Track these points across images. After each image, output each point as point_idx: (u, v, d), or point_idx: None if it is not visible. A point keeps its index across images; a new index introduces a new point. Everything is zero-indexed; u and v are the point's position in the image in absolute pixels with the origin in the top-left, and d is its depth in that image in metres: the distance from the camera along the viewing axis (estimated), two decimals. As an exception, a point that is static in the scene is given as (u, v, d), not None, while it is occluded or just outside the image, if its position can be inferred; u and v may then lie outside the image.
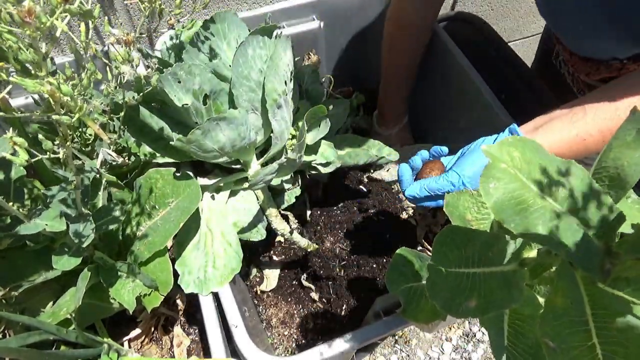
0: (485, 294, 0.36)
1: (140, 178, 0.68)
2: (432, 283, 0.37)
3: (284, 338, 0.87)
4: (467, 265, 0.38)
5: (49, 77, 0.36)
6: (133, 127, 0.70)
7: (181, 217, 0.64)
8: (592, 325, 0.31)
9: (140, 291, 0.64)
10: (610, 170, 0.35)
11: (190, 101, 0.63)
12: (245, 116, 0.65)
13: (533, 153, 0.34)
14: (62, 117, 0.38)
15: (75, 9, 0.35)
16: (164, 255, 0.67)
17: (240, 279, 0.88)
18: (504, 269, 0.37)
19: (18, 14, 0.31)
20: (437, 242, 0.39)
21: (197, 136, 0.60)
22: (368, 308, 0.83)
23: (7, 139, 0.36)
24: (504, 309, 0.37)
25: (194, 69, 0.61)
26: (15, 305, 0.63)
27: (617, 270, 0.30)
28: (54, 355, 0.57)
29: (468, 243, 0.39)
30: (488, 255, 0.38)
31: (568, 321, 0.31)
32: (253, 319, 0.82)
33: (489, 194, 0.32)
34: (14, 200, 0.56)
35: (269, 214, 0.75)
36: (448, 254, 0.38)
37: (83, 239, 0.56)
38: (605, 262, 0.30)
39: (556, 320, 0.32)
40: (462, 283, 0.37)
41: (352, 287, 0.87)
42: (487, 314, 0.35)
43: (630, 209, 0.40)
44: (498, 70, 0.99)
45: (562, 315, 0.32)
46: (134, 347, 0.77)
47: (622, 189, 0.35)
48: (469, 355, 1.17)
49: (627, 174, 0.34)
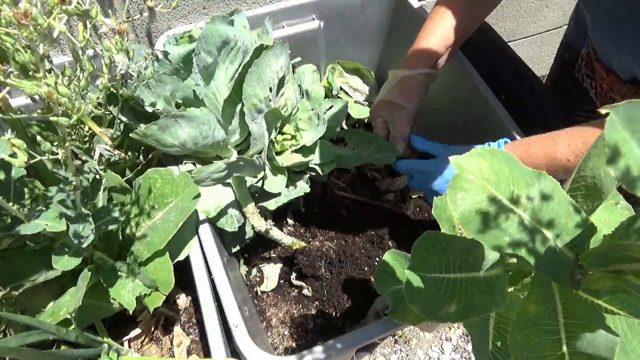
0: (466, 299, 0.36)
1: (139, 178, 0.68)
2: (410, 287, 0.37)
3: (284, 338, 0.88)
4: (447, 270, 0.38)
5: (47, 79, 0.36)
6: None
7: (180, 217, 0.64)
8: (564, 334, 0.31)
9: (140, 291, 0.64)
10: (587, 179, 0.35)
11: (162, 106, 0.67)
12: (207, 116, 0.67)
13: (502, 164, 0.33)
14: (60, 119, 0.38)
15: (73, 9, 0.35)
16: (163, 255, 0.67)
17: (240, 279, 0.88)
18: (486, 274, 0.37)
19: (14, 15, 0.31)
20: (417, 247, 0.39)
21: (153, 130, 0.62)
22: (368, 307, 0.83)
23: (6, 141, 0.36)
24: (486, 313, 0.36)
25: (164, 77, 0.66)
26: (15, 305, 0.63)
27: (587, 281, 0.30)
28: (54, 355, 0.57)
29: (448, 248, 0.38)
30: (469, 260, 0.37)
31: (539, 329, 0.31)
32: (253, 319, 0.82)
33: (456, 204, 0.31)
34: (14, 200, 0.56)
35: (245, 211, 0.76)
36: (428, 259, 0.38)
37: (83, 240, 0.56)
38: (575, 273, 0.30)
39: (527, 329, 0.31)
40: (441, 288, 0.37)
41: (351, 286, 0.87)
42: (467, 319, 0.35)
43: (620, 215, 0.40)
44: (499, 72, 0.98)
45: (533, 323, 0.31)
46: (134, 347, 0.77)
47: (597, 198, 0.34)
48: (468, 355, 1.17)
49: (603, 184, 0.34)
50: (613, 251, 0.28)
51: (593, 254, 0.30)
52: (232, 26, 0.68)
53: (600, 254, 0.29)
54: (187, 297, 0.84)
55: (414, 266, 0.38)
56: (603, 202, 0.35)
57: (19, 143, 0.36)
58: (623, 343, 0.32)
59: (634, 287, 0.29)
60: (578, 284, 0.30)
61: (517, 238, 0.30)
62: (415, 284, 0.37)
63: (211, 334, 0.62)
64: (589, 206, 0.35)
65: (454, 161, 0.33)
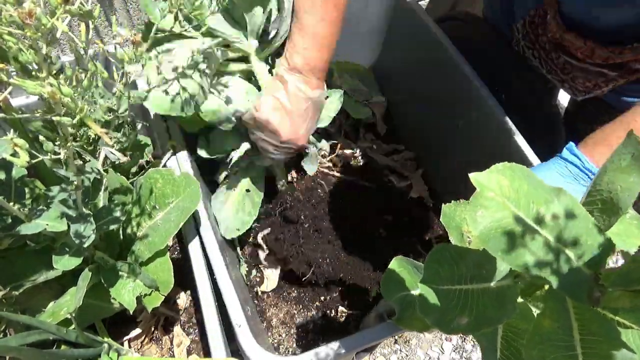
0: (478, 311, 0.36)
1: (141, 178, 0.68)
2: (423, 299, 0.37)
3: (284, 338, 0.88)
4: (459, 282, 0.38)
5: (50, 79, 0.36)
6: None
7: (181, 217, 0.64)
8: (580, 350, 0.30)
9: (140, 291, 0.64)
10: (604, 194, 0.34)
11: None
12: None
13: (522, 181, 0.33)
14: (62, 118, 0.38)
15: (75, 10, 0.35)
16: (164, 255, 0.67)
17: (241, 279, 0.88)
18: (498, 285, 0.37)
19: (18, 15, 0.31)
20: (429, 259, 0.39)
21: None
22: (369, 308, 0.83)
23: (8, 140, 0.36)
24: (497, 325, 0.36)
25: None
26: (15, 305, 0.63)
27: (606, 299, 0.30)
28: (54, 354, 0.57)
29: (460, 260, 0.38)
30: (481, 272, 0.37)
31: (554, 345, 0.31)
32: (254, 319, 0.82)
33: (476, 222, 0.31)
34: (14, 200, 0.56)
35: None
36: (439, 271, 0.38)
37: (84, 239, 0.56)
38: (594, 291, 0.30)
39: (542, 344, 0.31)
40: (453, 300, 0.37)
41: (352, 287, 0.87)
42: (479, 331, 0.35)
43: (629, 225, 0.40)
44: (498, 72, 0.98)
45: (548, 338, 0.31)
46: (134, 347, 0.77)
47: (615, 214, 0.34)
48: (468, 355, 1.18)
49: (619, 199, 0.33)
50: (635, 272, 0.28)
51: (615, 274, 0.30)
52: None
53: (622, 274, 0.29)
54: (187, 297, 0.85)
55: (427, 278, 0.38)
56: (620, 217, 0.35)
57: (21, 143, 0.36)
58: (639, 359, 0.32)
59: (653, 306, 0.29)
60: (597, 302, 0.30)
61: (537, 256, 0.30)
62: (429, 296, 0.37)
63: (211, 334, 0.62)
64: (606, 221, 0.35)
65: (473, 178, 0.33)
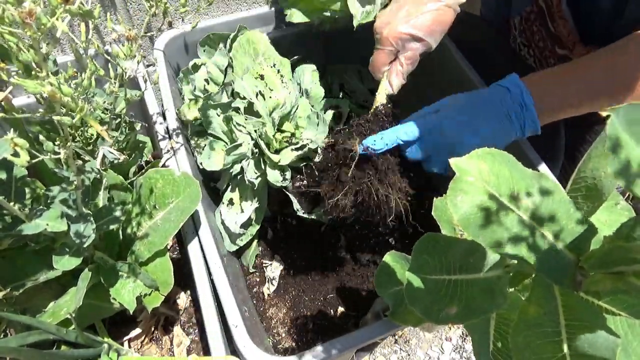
0: (467, 301, 0.35)
1: (141, 178, 0.68)
2: (411, 289, 0.37)
3: (283, 338, 0.88)
4: (447, 272, 0.37)
5: (50, 78, 0.36)
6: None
7: (181, 217, 0.64)
8: (565, 336, 0.30)
9: (140, 291, 0.64)
10: (588, 180, 0.35)
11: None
12: None
13: (502, 165, 0.33)
14: (63, 118, 0.38)
15: (76, 10, 0.35)
16: (164, 255, 0.67)
17: (240, 279, 0.88)
18: (487, 275, 0.37)
19: (19, 15, 0.31)
20: (417, 248, 0.39)
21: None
22: (367, 307, 0.83)
23: (8, 140, 0.36)
24: (486, 315, 0.36)
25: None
26: (16, 305, 0.63)
27: (588, 282, 0.30)
28: (54, 355, 0.57)
29: (449, 250, 0.38)
30: (469, 262, 0.37)
31: (540, 331, 0.31)
32: (253, 319, 0.82)
33: (456, 206, 0.31)
34: (15, 200, 0.56)
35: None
36: (428, 261, 0.38)
37: (84, 239, 0.56)
38: (576, 275, 0.30)
39: (528, 330, 0.31)
40: (442, 290, 0.36)
41: (351, 286, 0.87)
42: (468, 321, 0.35)
43: (620, 215, 0.40)
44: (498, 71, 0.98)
45: (534, 324, 0.31)
46: (134, 347, 0.77)
47: (598, 199, 0.34)
48: (468, 355, 1.18)
49: (603, 185, 0.34)
50: (614, 253, 0.28)
51: (594, 256, 0.30)
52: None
53: (602, 256, 0.29)
54: (187, 297, 0.85)
55: (415, 268, 0.37)
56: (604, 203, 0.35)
57: (22, 142, 0.36)
58: (624, 344, 0.32)
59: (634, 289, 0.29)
60: (579, 286, 0.30)
61: (517, 240, 0.30)
62: (416, 286, 0.37)
63: (211, 334, 0.62)
64: (589, 207, 0.35)
65: (453, 163, 0.33)
